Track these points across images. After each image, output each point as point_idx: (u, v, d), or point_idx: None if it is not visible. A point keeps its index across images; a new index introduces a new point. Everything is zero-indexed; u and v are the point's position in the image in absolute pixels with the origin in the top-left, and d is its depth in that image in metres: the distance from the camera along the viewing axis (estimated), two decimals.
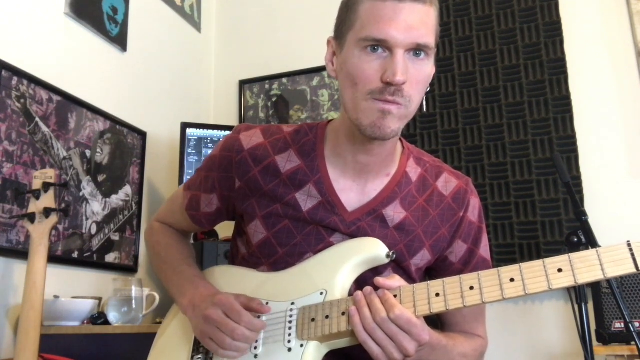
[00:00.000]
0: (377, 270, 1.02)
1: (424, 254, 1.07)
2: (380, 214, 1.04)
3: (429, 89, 1.03)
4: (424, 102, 1.06)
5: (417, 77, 0.94)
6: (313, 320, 0.95)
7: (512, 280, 0.84)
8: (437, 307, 0.88)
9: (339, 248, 1.02)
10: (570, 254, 0.82)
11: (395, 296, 0.91)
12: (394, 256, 0.99)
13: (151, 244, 1.28)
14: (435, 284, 0.90)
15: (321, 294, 0.98)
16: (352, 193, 1.06)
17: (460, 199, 1.09)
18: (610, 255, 0.81)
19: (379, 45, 0.92)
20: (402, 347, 0.88)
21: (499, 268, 0.86)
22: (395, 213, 1.05)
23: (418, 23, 0.92)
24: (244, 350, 0.98)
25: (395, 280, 0.94)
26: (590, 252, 0.82)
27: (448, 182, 1.10)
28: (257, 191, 1.08)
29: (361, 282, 1.00)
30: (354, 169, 1.06)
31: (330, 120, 1.13)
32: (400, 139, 1.11)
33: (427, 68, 0.97)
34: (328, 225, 1.04)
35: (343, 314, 0.93)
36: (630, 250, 0.80)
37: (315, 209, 1.04)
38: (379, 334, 0.88)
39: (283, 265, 1.05)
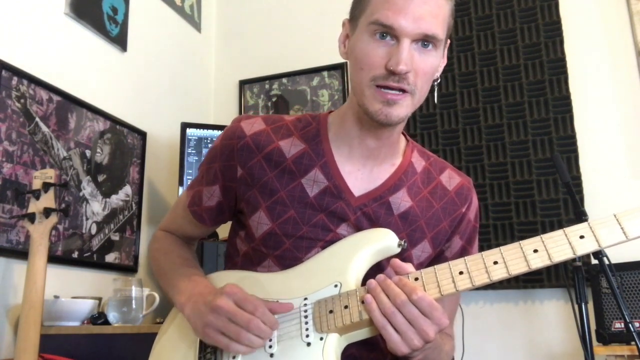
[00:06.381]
0: (379, 265, 1.01)
1: (424, 245, 1.06)
2: (387, 201, 1.04)
3: (439, 81, 1.04)
4: (436, 95, 1.06)
5: (422, 67, 0.95)
6: (331, 311, 0.93)
7: (535, 251, 0.87)
8: (463, 284, 0.88)
9: (348, 240, 1.01)
10: (589, 221, 0.88)
11: (416, 279, 0.90)
12: (405, 245, 0.98)
13: (152, 252, 1.24)
14: (457, 263, 0.90)
15: (335, 286, 0.95)
16: (358, 178, 1.05)
17: (464, 195, 1.10)
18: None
19: (387, 32, 0.93)
20: (423, 331, 0.86)
21: (520, 241, 0.89)
22: (402, 201, 1.05)
23: (427, 14, 0.92)
24: (259, 345, 0.92)
25: (409, 266, 0.93)
26: (609, 217, 0.88)
27: (451, 178, 1.11)
28: (259, 180, 1.05)
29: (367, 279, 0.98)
30: (361, 155, 1.05)
31: (331, 111, 1.13)
32: (403, 133, 1.12)
33: (433, 59, 0.96)
34: (334, 211, 1.02)
35: (362, 302, 0.91)
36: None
37: (321, 195, 1.03)
38: (398, 318, 0.86)
39: (290, 258, 1.02)
